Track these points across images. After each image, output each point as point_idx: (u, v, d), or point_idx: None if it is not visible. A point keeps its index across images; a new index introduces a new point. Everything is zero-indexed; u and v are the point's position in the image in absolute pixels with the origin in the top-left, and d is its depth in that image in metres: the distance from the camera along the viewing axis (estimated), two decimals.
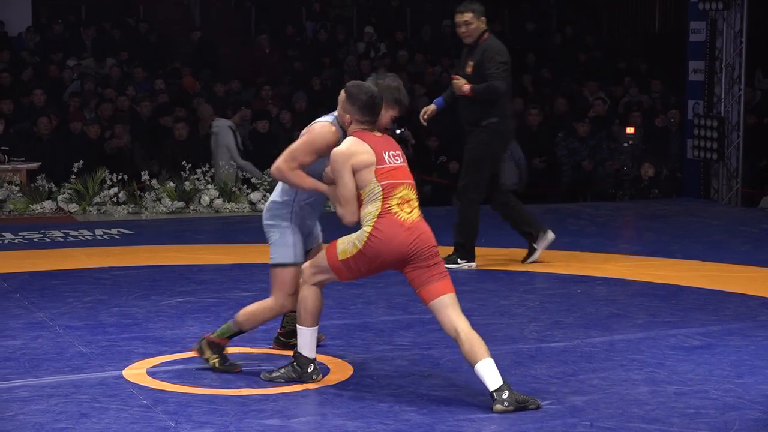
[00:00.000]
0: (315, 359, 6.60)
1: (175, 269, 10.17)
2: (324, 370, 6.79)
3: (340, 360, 7.05)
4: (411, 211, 6.42)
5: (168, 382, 6.58)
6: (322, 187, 6.61)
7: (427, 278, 6.35)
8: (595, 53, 21.05)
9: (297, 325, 6.59)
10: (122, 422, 5.86)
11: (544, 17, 22.48)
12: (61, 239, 11.84)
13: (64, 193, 13.98)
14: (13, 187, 13.90)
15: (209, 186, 14.17)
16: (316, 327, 6.59)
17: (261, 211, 13.92)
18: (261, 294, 8.99)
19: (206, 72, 18.71)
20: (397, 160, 6.50)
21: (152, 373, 6.77)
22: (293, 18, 21.08)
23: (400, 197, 6.40)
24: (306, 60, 19.38)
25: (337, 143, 6.53)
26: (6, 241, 11.65)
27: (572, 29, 21.61)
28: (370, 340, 7.56)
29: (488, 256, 10.56)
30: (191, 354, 7.12)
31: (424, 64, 19.51)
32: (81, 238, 11.95)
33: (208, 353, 6.81)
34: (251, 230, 12.66)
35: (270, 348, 7.35)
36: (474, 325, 7.20)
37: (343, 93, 6.57)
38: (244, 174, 14.86)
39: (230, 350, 7.03)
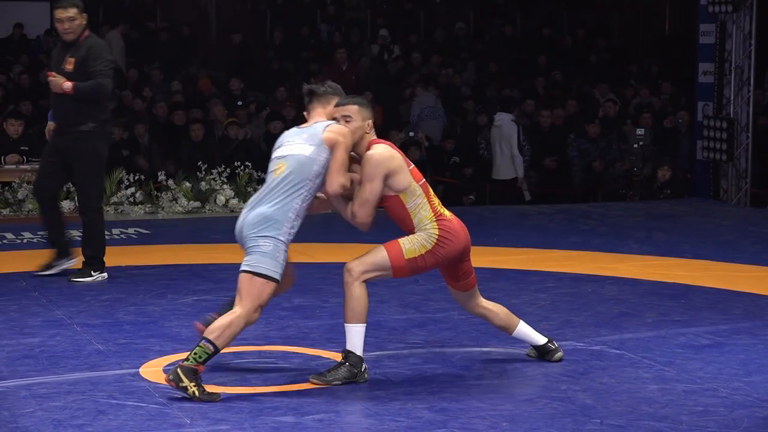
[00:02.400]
0: (364, 358, 6.55)
1: (191, 268, 10.18)
2: None
3: None
4: (443, 207, 6.67)
5: None
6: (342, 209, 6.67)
7: (467, 271, 6.73)
8: (605, 56, 21.03)
9: (347, 325, 6.49)
10: (138, 419, 5.86)
11: (555, 20, 22.45)
12: (79, 238, 11.84)
13: None
14: (32, 187, 13.92)
15: (225, 186, 14.19)
16: (366, 324, 6.52)
17: None
18: None
19: (222, 74, 18.73)
20: (408, 163, 6.64)
21: (168, 370, 6.76)
22: (308, 20, 21.08)
23: (433, 195, 6.65)
24: (321, 62, 19.37)
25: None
26: (25, 240, 11.69)
27: (583, 32, 21.58)
28: (384, 339, 7.56)
29: (500, 256, 10.55)
30: None
31: (438, 66, 19.50)
32: None
33: (186, 381, 6.12)
34: None
35: (283, 346, 7.35)
36: (485, 324, 7.22)
37: (354, 106, 6.59)
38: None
39: (243, 348, 7.03)
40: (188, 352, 6.19)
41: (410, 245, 6.52)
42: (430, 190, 6.67)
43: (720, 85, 15.39)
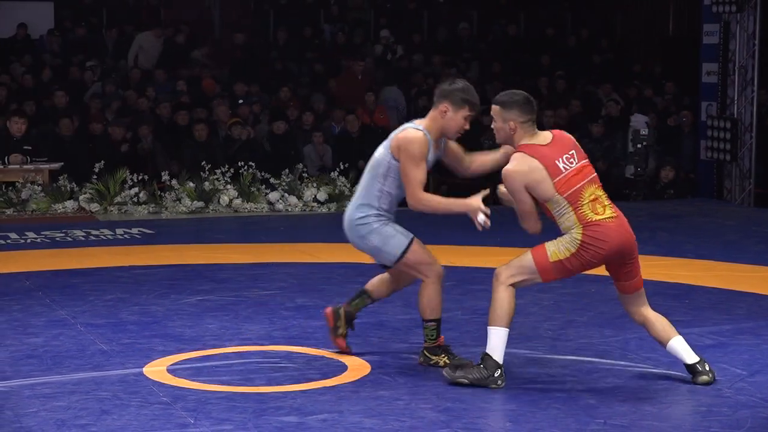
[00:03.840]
0: (502, 365, 6.46)
1: (194, 268, 10.19)
2: (341, 368, 6.80)
3: (357, 358, 7.04)
4: (605, 208, 6.49)
5: (187, 379, 6.58)
6: (456, 207, 6.66)
7: (630, 273, 6.62)
8: (609, 56, 21.02)
9: (489, 327, 6.45)
10: (142, 419, 5.87)
11: (559, 20, 22.44)
12: (83, 238, 11.88)
13: (85, 193, 14.02)
14: (36, 187, 13.94)
15: (228, 186, 14.19)
16: (509, 329, 6.46)
17: (279, 211, 14.06)
18: (279, 293, 9.05)
19: (225, 74, 18.73)
20: (572, 162, 6.49)
21: (172, 370, 6.78)
22: (311, 20, 21.08)
23: (589, 200, 6.46)
24: (324, 62, 19.38)
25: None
26: (29, 240, 11.69)
27: (587, 32, 21.57)
28: (387, 339, 7.56)
29: (503, 256, 10.53)
30: (210, 351, 7.15)
31: (441, 66, 19.49)
32: (102, 237, 11.99)
33: (434, 358, 6.78)
34: (269, 230, 12.70)
35: (287, 346, 7.35)
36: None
37: (495, 107, 6.56)
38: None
39: (247, 348, 7.04)
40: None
41: (555, 248, 6.45)
42: (584, 195, 6.45)
43: (724, 85, 15.39)
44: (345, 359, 7.00)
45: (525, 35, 21.91)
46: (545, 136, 6.55)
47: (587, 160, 6.61)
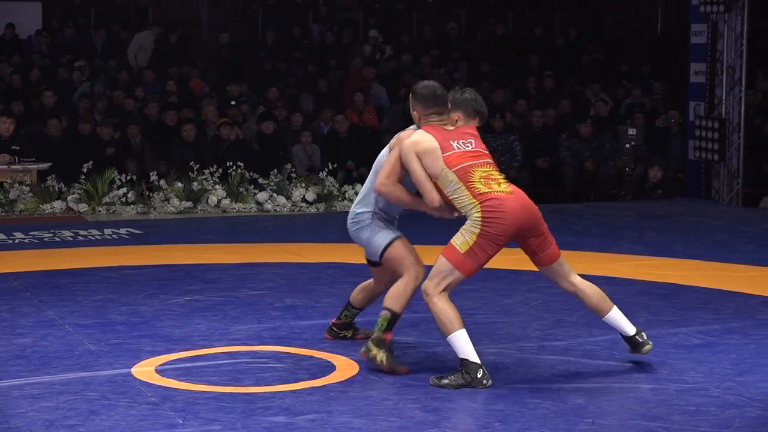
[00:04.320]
0: (482, 364, 6.48)
1: (183, 268, 10.18)
2: (329, 368, 6.80)
3: (346, 357, 7.05)
4: (499, 184, 6.62)
5: (176, 379, 6.58)
6: (419, 206, 6.82)
7: (542, 244, 6.74)
8: (597, 56, 21.05)
9: (447, 339, 6.54)
10: (131, 419, 5.86)
11: (547, 20, 22.46)
12: (71, 239, 11.86)
13: (73, 193, 14.00)
14: (24, 187, 13.91)
15: (217, 186, 14.18)
16: (464, 328, 6.51)
17: (267, 211, 14.06)
18: (268, 293, 9.05)
19: (215, 75, 18.71)
20: (467, 145, 6.69)
21: (160, 370, 6.77)
22: (300, 20, 21.07)
23: (480, 177, 6.59)
24: (312, 62, 19.37)
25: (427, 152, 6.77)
26: (17, 241, 11.67)
27: (576, 32, 21.59)
28: None
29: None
30: (199, 352, 7.15)
31: (429, 66, 19.49)
32: (90, 237, 11.97)
33: (374, 351, 6.71)
34: (258, 230, 12.70)
35: (276, 347, 7.35)
36: (477, 324, 7.24)
37: (411, 94, 6.95)
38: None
39: (235, 348, 7.04)
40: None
41: (461, 239, 6.54)
42: (475, 172, 6.59)
43: (712, 84, 15.42)
44: (333, 359, 7.00)
45: (513, 35, 21.93)
46: (451, 126, 6.86)
47: (489, 154, 6.80)
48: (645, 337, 6.86)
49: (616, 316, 6.85)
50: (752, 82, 17.62)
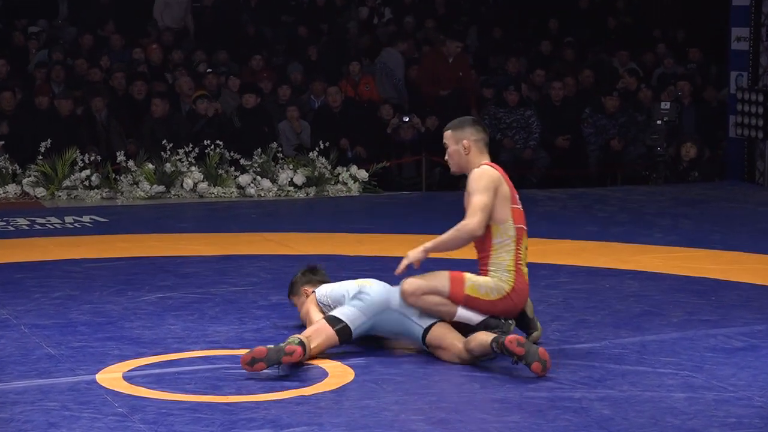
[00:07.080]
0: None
1: (154, 261, 10.20)
2: (321, 375, 6.81)
3: (340, 363, 7.06)
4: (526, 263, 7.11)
5: (146, 387, 6.59)
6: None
7: None
8: (625, 19, 21.03)
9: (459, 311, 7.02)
10: None
11: None
12: (27, 227, 11.87)
13: (30, 175, 14.02)
14: None
15: (193, 168, 14.18)
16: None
17: (250, 196, 14.06)
18: (251, 289, 9.06)
19: (190, 41, 18.68)
20: (518, 202, 7.13)
21: (129, 377, 6.78)
22: None
23: (526, 247, 7.06)
24: (302, 27, 19.34)
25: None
26: None
27: None
28: (372, 342, 7.56)
29: None
30: (173, 356, 7.15)
31: (435, 31, 19.46)
32: (49, 226, 11.99)
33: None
34: (239, 217, 12.71)
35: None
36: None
37: (447, 132, 7.17)
38: None
39: (214, 352, 7.05)
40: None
41: (475, 283, 6.97)
42: (524, 239, 7.02)
43: (756, 52, 15.43)
44: (326, 365, 7.01)
45: None
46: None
47: None
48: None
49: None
50: None
